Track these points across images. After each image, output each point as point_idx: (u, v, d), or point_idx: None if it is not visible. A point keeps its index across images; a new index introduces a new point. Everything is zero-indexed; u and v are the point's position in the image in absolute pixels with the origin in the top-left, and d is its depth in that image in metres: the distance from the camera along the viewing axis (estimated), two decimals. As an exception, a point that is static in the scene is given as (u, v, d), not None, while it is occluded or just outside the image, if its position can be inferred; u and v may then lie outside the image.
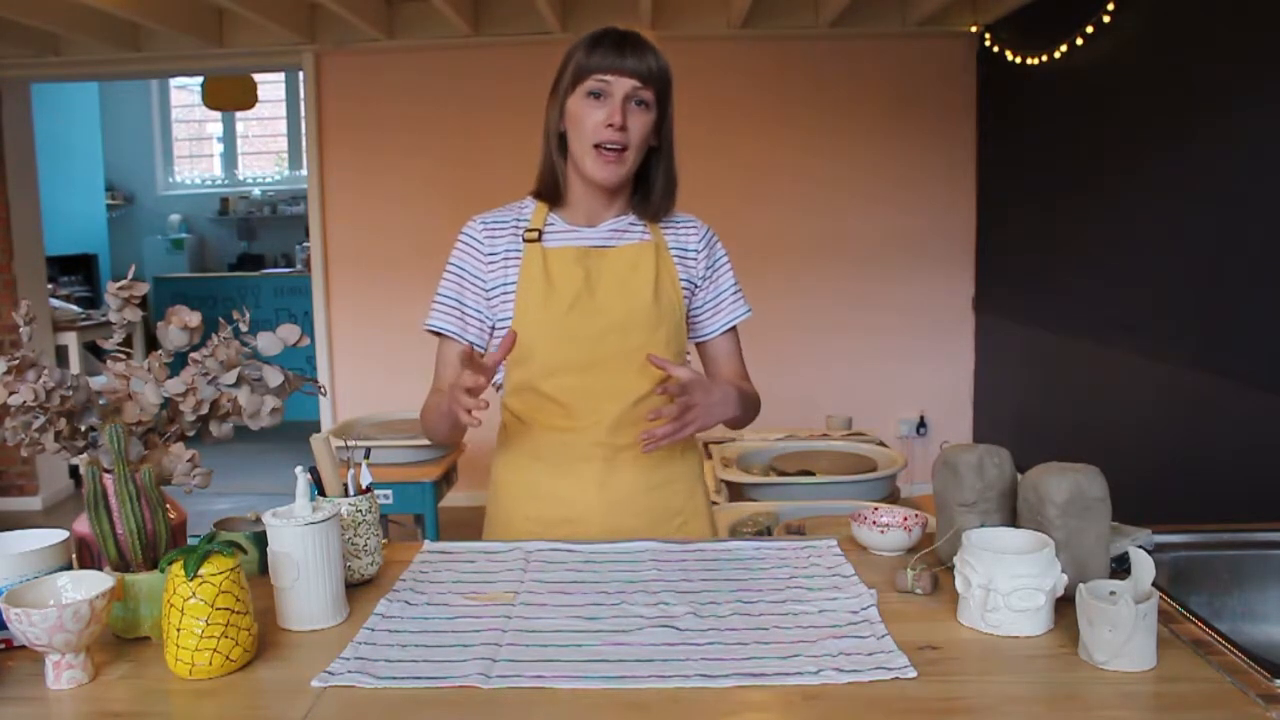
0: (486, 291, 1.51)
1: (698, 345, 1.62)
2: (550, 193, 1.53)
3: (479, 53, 4.74)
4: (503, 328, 1.50)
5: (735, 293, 1.60)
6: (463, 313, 1.53)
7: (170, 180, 8.48)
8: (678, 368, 1.38)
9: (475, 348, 1.51)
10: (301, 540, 1.13)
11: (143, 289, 1.26)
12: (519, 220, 1.53)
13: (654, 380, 1.47)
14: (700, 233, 1.58)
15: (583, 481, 1.50)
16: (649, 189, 1.53)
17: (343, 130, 4.84)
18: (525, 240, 1.50)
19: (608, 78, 1.41)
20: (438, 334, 1.54)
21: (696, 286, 1.57)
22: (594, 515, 1.50)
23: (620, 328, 1.46)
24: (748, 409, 1.54)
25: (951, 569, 1.15)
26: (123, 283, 1.25)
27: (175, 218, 8.14)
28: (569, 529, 1.49)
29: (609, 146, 1.43)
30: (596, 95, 1.42)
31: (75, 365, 5.46)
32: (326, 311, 4.96)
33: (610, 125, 1.41)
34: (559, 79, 1.48)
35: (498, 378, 1.55)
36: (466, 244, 1.53)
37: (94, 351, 5.54)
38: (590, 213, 1.53)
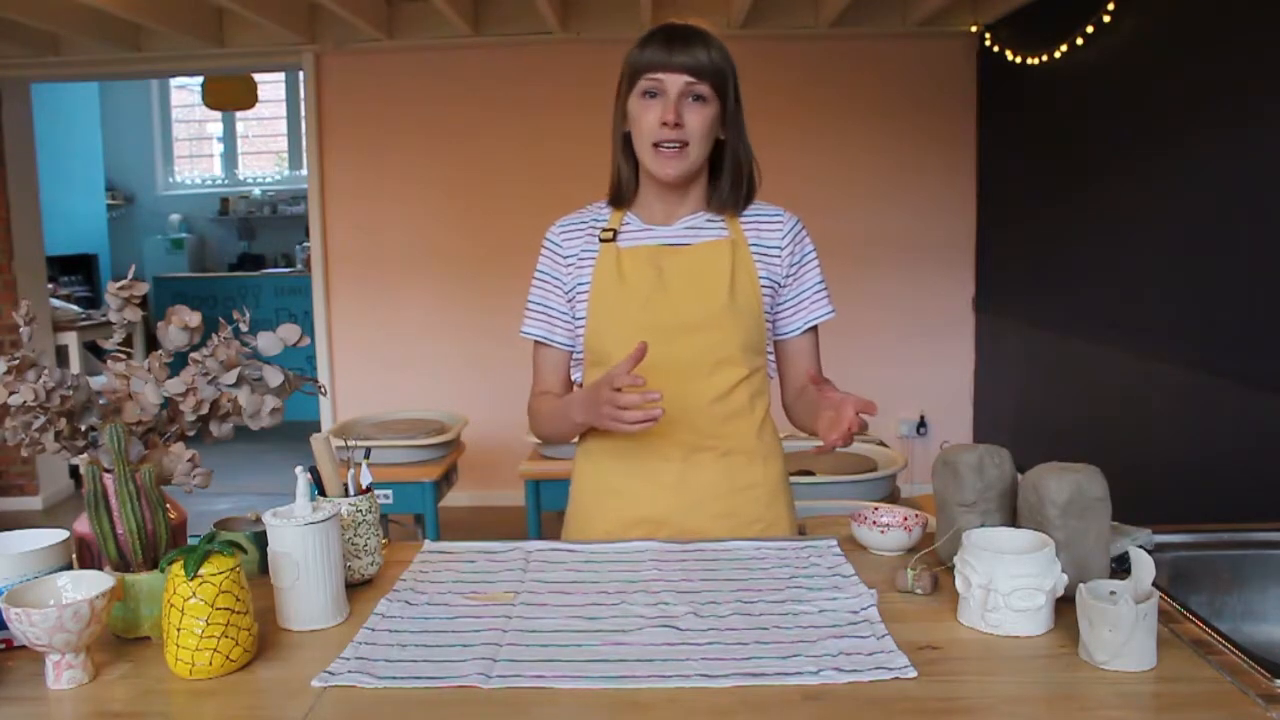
0: (566, 293, 1.52)
1: (776, 343, 1.57)
2: (620, 196, 1.52)
3: (479, 53, 4.74)
4: (581, 327, 1.51)
5: (819, 291, 1.55)
6: (549, 316, 1.54)
7: (170, 180, 8.48)
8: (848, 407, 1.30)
9: (562, 348, 1.54)
10: (301, 540, 1.13)
11: (143, 289, 1.26)
12: (596, 220, 1.54)
13: (729, 380, 1.46)
14: (785, 228, 1.53)
15: (660, 481, 1.49)
16: (719, 181, 1.51)
17: (343, 130, 4.84)
18: (600, 240, 1.50)
19: (659, 75, 1.41)
20: (533, 340, 1.56)
21: (779, 285, 1.52)
22: (671, 515, 1.48)
23: (694, 327, 1.45)
24: None
25: (951, 569, 1.15)
26: (123, 283, 1.25)
27: (175, 218, 8.14)
28: (646, 529, 1.48)
29: (667, 144, 1.42)
30: (651, 94, 1.42)
31: (75, 365, 5.46)
32: (326, 311, 4.96)
33: (665, 124, 1.40)
34: (620, 80, 1.48)
35: (576, 376, 1.56)
36: (546, 249, 1.55)
37: (94, 351, 5.54)
38: (665, 210, 1.51)
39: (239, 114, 8.11)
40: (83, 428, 1.21)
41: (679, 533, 1.47)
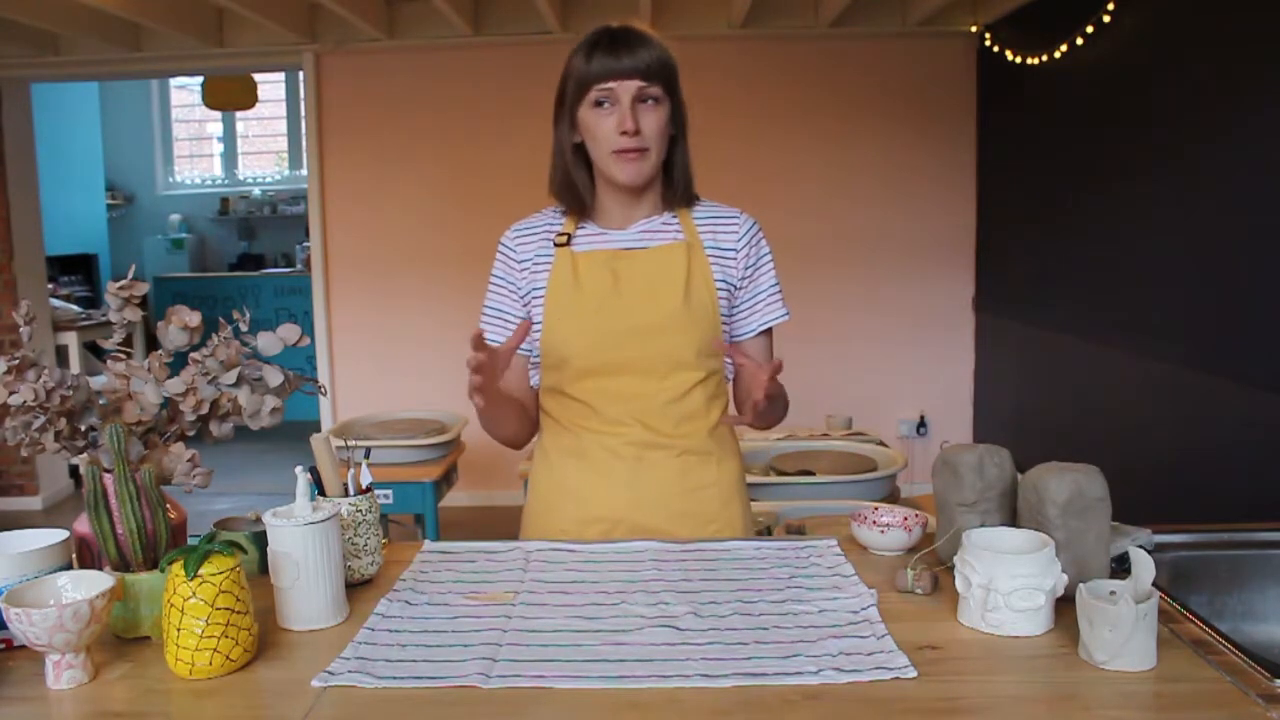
0: (522, 297, 1.52)
1: (731, 345, 1.56)
2: (578, 205, 1.51)
3: (479, 53, 4.74)
4: (538, 332, 1.50)
5: (773, 294, 1.54)
6: (504, 321, 1.54)
7: (170, 180, 8.48)
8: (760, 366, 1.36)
9: (519, 352, 1.53)
10: (301, 540, 1.13)
11: (143, 289, 1.26)
12: (550, 225, 1.53)
13: (685, 381, 1.47)
14: (742, 230, 1.52)
15: (614, 480, 1.49)
16: (671, 178, 1.51)
17: (343, 130, 4.84)
18: (555, 245, 1.50)
19: (610, 84, 1.40)
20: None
21: (735, 287, 1.52)
22: (626, 514, 1.49)
23: (649, 330, 1.45)
24: (785, 413, 1.55)
25: (951, 569, 1.15)
26: (123, 283, 1.25)
27: (175, 218, 8.15)
28: (602, 528, 1.49)
29: (627, 151, 1.42)
30: (603, 104, 1.41)
31: (75, 365, 5.46)
32: (326, 311, 4.96)
33: (624, 132, 1.40)
34: (562, 91, 1.46)
35: (534, 380, 1.56)
36: (501, 253, 1.55)
37: (94, 351, 5.54)
38: (622, 214, 1.51)
39: (239, 114, 8.12)
40: (83, 428, 1.21)
41: (634, 531, 1.48)
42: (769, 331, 1.57)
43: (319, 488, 1.28)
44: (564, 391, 1.50)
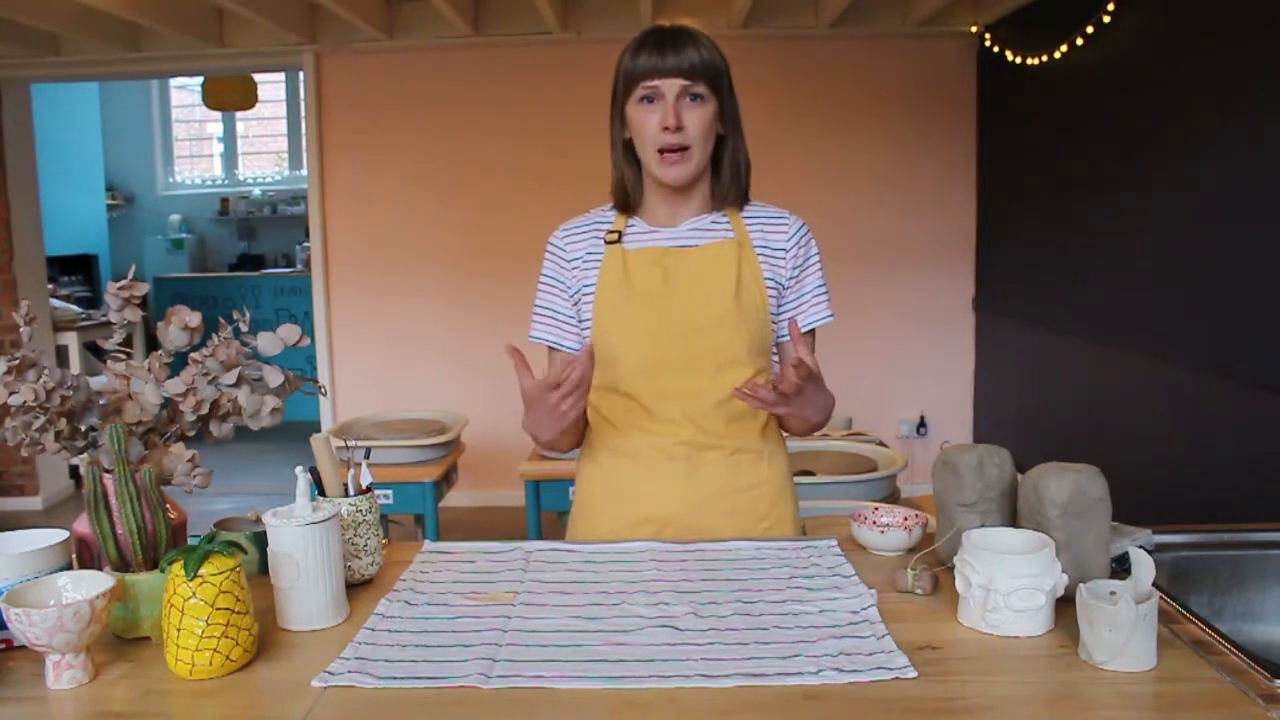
0: (572, 296, 1.53)
1: (777, 345, 1.56)
2: (624, 201, 1.52)
3: (479, 53, 4.74)
4: (588, 329, 1.51)
5: (819, 295, 1.54)
6: (556, 321, 1.54)
7: (170, 180, 8.48)
8: (807, 357, 1.33)
9: (572, 351, 1.53)
10: (301, 540, 1.13)
11: (143, 289, 1.26)
12: (600, 224, 1.54)
13: (735, 380, 1.45)
14: (790, 230, 1.52)
15: (666, 479, 1.49)
16: (720, 177, 1.51)
17: (343, 130, 4.84)
18: (606, 242, 1.51)
19: (655, 81, 1.41)
20: (545, 345, 1.56)
21: (784, 286, 1.52)
22: (678, 514, 1.49)
23: (700, 327, 1.45)
24: (826, 419, 1.54)
25: (951, 569, 1.15)
26: (123, 283, 1.25)
27: (175, 218, 8.15)
28: (653, 527, 1.48)
29: (670, 149, 1.43)
30: (649, 100, 1.43)
31: (75, 365, 5.46)
32: (326, 311, 4.96)
33: (666, 129, 1.41)
34: (615, 88, 1.48)
35: None
36: (550, 252, 1.55)
37: (94, 351, 5.54)
38: (670, 212, 1.52)
39: (239, 114, 8.11)
40: (83, 428, 1.21)
41: (684, 531, 1.47)
42: (812, 333, 1.56)
43: (319, 488, 1.28)
44: (614, 389, 1.49)
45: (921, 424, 4.96)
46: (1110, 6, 3.32)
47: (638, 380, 1.47)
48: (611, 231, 1.51)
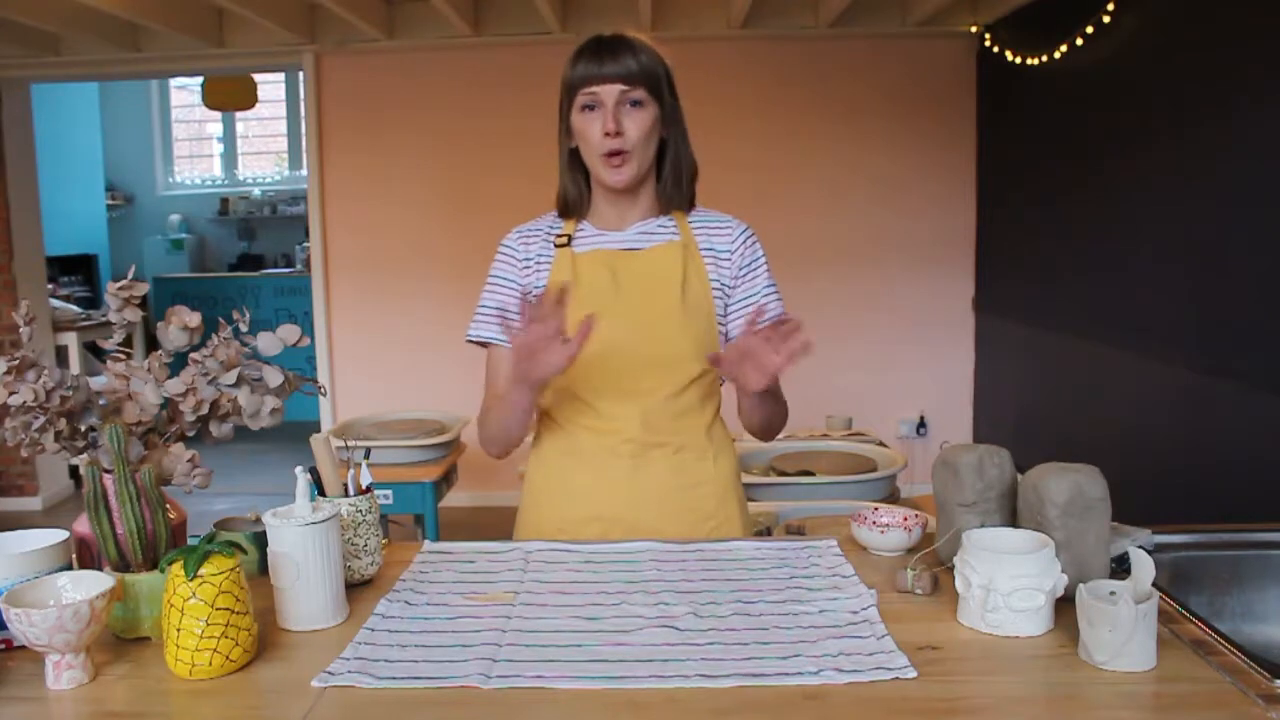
0: (522, 297, 1.53)
1: (728, 347, 1.57)
2: (572, 209, 1.55)
3: (479, 53, 4.74)
4: None
5: (769, 293, 1.56)
6: (505, 320, 1.54)
7: (170, 180, 8.48)
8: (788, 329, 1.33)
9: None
10: (301, 540, 1.13)
11: (143, 289, 1.26)
12: (551, 228, 1.57)
13: (681, 378, 1.49)
14: (734, 234, 1.55)
15: (611, 478, 1.50)
16: (664, 179, 1.54)
17: (343, 130, 4.84)
18: (555, 245, 1.53)
19: (594, 89, 1.44)
20: (482, 344, 1.57)
21: (729, 288, 1.55)
22: (623, 512, 1.50)
23: (647, 326, 1.48)
24: (780, 410, 1.55)
25: (951, 569, 1.15)
26: (123, 283, 1.25)
27: (175, 218, 8.14)
28: (598, 527, 1.50)
29: (611, 153, 1.45)
30: (591, 107, 1.45)
31: (75, 365, 5.46)
32: (326, 311, 4.96)
33: (607, 134, 1.43)
34: (560, 98, 1.51)
35: None
36: (503, 252, 1.58)
37: (94, 351, 5.54)
38: (617, 216, 1.55)
39: (239, 114, 8.12)
40: (83, 428, 1.21)
41: (631, 530, 1.48)
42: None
43: (319, 488, 1.28)
44: (564, 389, 1.52)
45: (921, 424, 4.96)
46: (1110, 7, 3.32)
47: (585, 380, 1.49)
48: (561, 235, 1.54)
